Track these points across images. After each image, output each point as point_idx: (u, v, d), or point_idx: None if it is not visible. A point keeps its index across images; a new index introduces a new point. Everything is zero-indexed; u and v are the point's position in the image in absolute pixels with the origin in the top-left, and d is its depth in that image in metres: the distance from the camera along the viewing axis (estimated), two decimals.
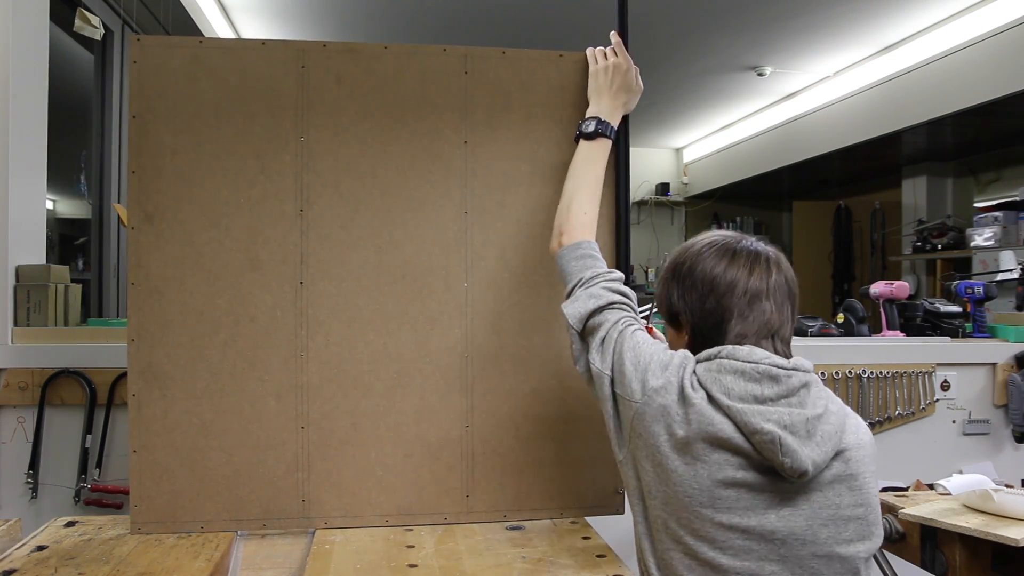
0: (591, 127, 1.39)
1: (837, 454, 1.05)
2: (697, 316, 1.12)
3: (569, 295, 1.25)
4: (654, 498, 1.07)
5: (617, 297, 1.20)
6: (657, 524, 1.07)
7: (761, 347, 1.08)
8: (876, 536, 1.07)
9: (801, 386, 1.05)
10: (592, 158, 1.39)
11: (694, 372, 1.08)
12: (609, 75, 1.43)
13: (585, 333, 1.19)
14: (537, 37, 4.72)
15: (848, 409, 1.12)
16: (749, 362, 1.05)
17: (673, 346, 1.17)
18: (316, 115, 1.42)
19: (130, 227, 1.38)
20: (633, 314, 1.21)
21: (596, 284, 1.22)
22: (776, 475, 1.03)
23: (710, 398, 1.05)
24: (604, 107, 1.42)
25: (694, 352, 1.12)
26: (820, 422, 1.03)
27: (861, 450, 1.08)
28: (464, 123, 1.47)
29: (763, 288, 1.09)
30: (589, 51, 1.48)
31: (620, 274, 1.26)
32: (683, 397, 1.05)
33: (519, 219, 1.48)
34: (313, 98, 1.43)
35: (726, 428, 1.02)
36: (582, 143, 1.41)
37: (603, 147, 1.40)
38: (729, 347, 1.07)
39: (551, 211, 1.47)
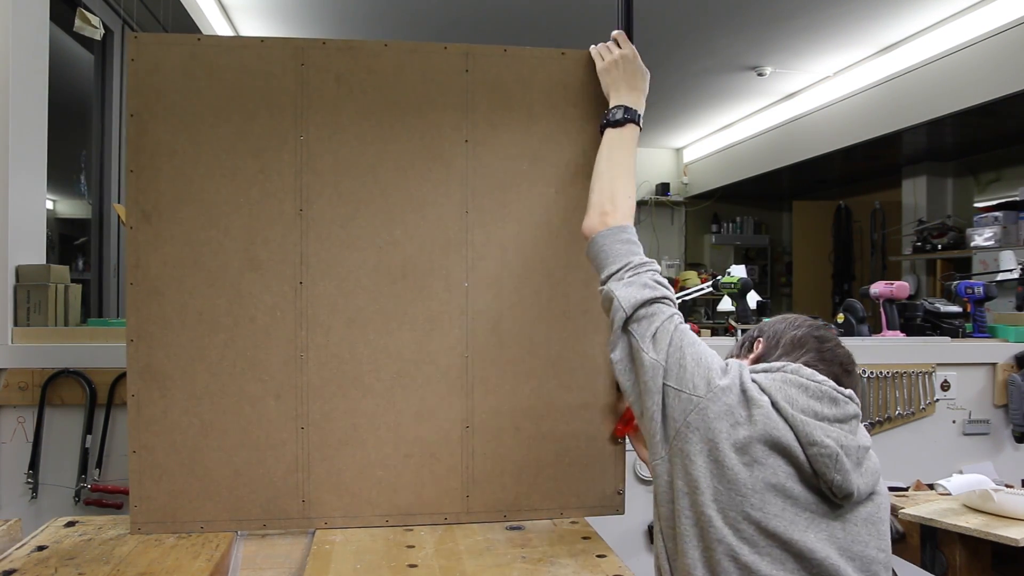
0: (619, 115, 1.38)
1: (871, 494, 1.11)
2: (771, 342, 1.25)
3: (614, 275, 1.23)
4: (702, 493, 1.06)
5: (667, 292, 1.22)
6: (700, 521, 1.07)
7: None
8: None
9: (854, 416, 1.11)
10: (622, 144, 1.38)
11: (753, 380, 1.11)
12: (621, 67, 1.43)
13: (632, 320, 1.18)
14: (539, 35, 4.72)
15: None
16: (812, 380, 1.11)
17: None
18: (315, 113, 1.42)
19: (129, 227, 1.38)
20: (679, 312, 1.22)
21: (646, 273, 1.22)
22: (820, 497, 1.07)
23: (774, 404, 1.08)
24: (625, 96, 1.41)
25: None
26: (867, 456, 1.10)
27: (886, 499, 1.15)
28: (465, 121, 1.46)
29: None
30: (593, 50, 1.47)
31: (659, 266, 1.28)
32: (746, 399, 1.08)
33: (520, 218, 1.47)
34: (312, 96, 1.42)
35: (787, 435, 1.06)
36: (611, 132, 1.39)
37: (632, 133, 1.39)
38: (793, 364, 1.14)
39: (553, 211, 1.47)
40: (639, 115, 1.41)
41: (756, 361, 1.24)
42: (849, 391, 1.13)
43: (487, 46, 1.47)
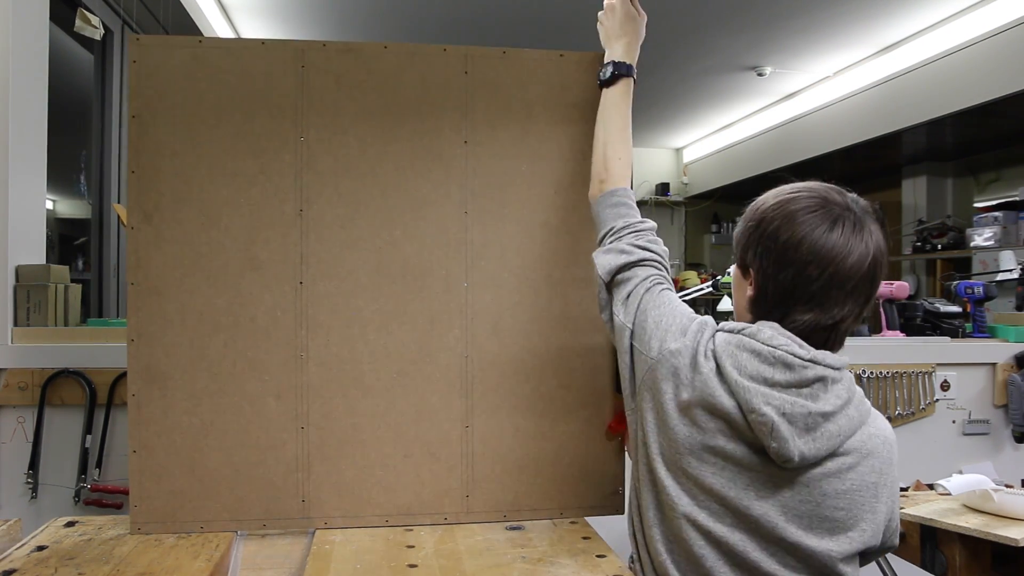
0: (608, 72, 1.40)
1: (834, 454, 1.07)
2: (769, 281, 1.09)
3: (600, 242, 1.29)
4: (650, 447, 1.13)
5: (646, 254, 1.24)
6: (651, 470, 1.13)
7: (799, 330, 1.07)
8: (854, 539, 1.07)
9: (816, 379, 1.05)
10: (616, 102, 1.39)
11: (712, 339, 1.12)
12: (610, 16, 1.43)
13: (612, 285, 1.24)
14: (537, 37, 4.72)
15: (875, 415, 1.14)
16: (768, 345, 1.06)
17: (736, 287, 1.18)
18: (316, 115, 1.42)
19: (129, 227, 1.38)
20: (662, 271, 1.24)
21: (626, 236, 1.26)
22: (768, 458, 1.06)
23: (719, 369, 1.08)
24: (617, 49, 1.42)
25: (754, 309, 1.12)
26: (827, 420, 1.05)
27: (865, 457, 1.09)
28: (464, 123, 1.47)
29: (842, 277, 1.05)
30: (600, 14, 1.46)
31: (652, 224, 1.29)
32: (694, 363, 1.10)
33: (519, 219, 1.48)
34: (313, 98, 1.42)
35: (726, 402, 1.06)
36: (604, 92, 1.41)
37: (625, 87, 1.40)
38: (754, 327, 1.08)
39: (552, 211, 1.48)
40: (629, 67, 1.40)
41: (755, 297, 1.11)
42: (813, 354, 1.05)
43: (486, 48, 1.48)
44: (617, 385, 1.48)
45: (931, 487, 1.86)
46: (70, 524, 1.39)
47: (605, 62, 1.42)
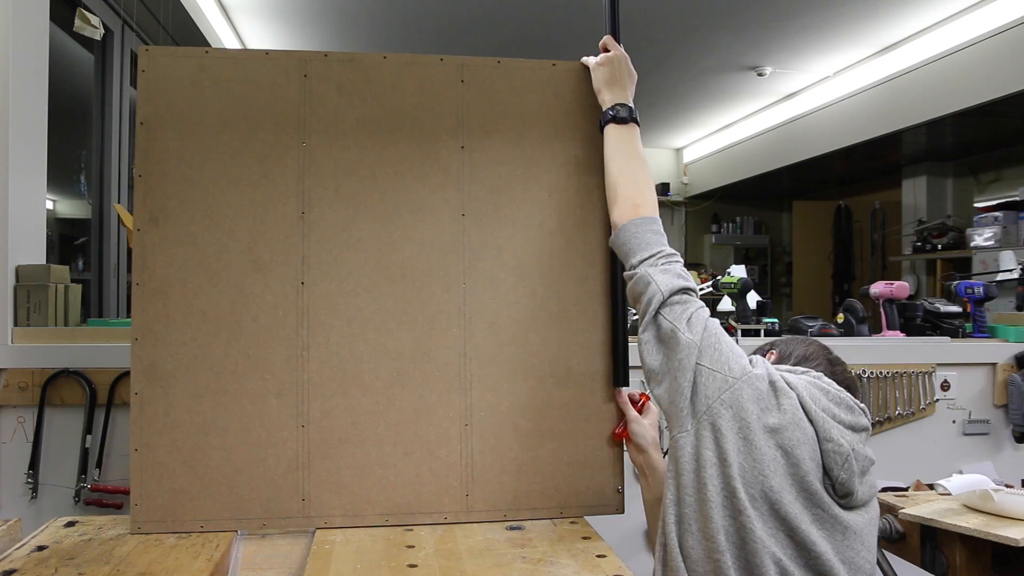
0: (623, 112, 1.41)
1: (868, 503, 1.16)
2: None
3: (646, 261, 1.27)
4: (730, 466, 1.10)
5: (695, 285, 1.28)
6: (727, 490, 1.11)
7: None
8: None
9: (864, 428, 1.18)
10: (636, 140, 1.42)
11: (780, 375, 1.18)
12: (615, 65, 1.45)
13: (666, 304, 1.23)
14: (532, 45, 4.73)
15: None
16: (832, 388, 1.19)
17: None
18: (317, 122, 1.44)
19: (136, 229, 1.40)
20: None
21: (677, 264, 1.28)
22: (827, 496, 1.11)
23: (800, 400, 1.14)
24: (619, 95, 1.44)
25: None
26: (871, 467, 1.16)
27: (877, 514, 1.20)
28: (461, 129, 1.49)
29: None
30: (585, 59, 1.51)
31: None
32: (775, 389, 1.15)
33: (515, 221, 1.49)
34: (315, 105, 1.45)
35: (810, 430, 1.12)
36: (617, 128, 1.41)
37: (637, 131, 1.44)
38: (816, 371, 1.23)
39: (546, 213, 1.50)
40: (637, 116, 1.44)
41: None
42: (863, 405, 1.20)
43: (481, 58, 1.51)
44: (616, 384, 1.49)
45: (931, 487, 1.86)
46: (70, 524, 1.40)
47: (616, 102, 1.43)
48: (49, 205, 2.75)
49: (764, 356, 1.33)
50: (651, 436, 1.45)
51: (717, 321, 1.23)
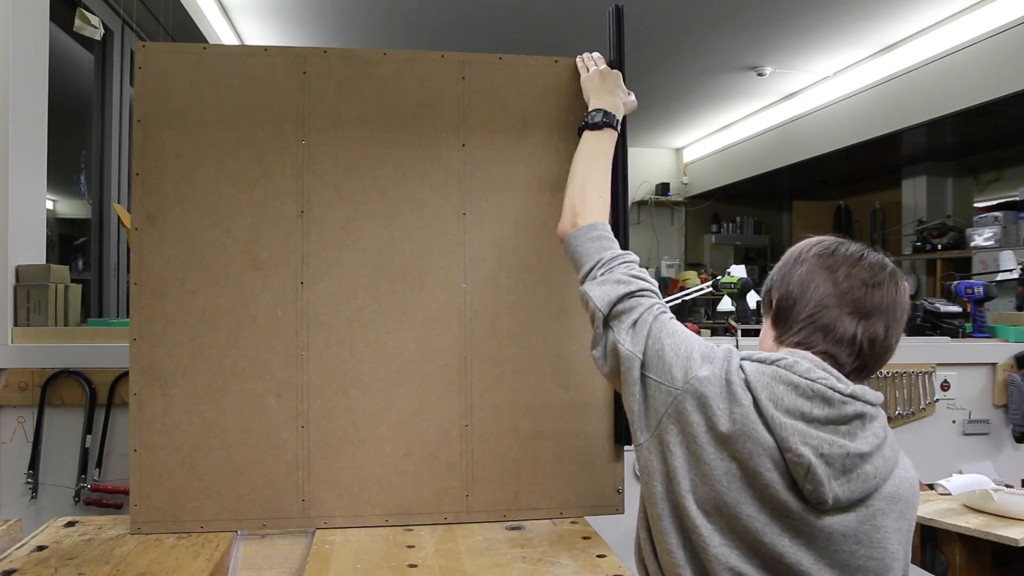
0: (598, 118, 1.40)
1: (869, 499, 1.02)
2: (788, 290, 1.11)
3: (588, 276, 1.22)
4: (678, 483, 1.03)
5: (644, 284, 1.18)
6: (677, 508, 1.04)
7: (827, 360, 1.05)
8: None
9: (855, 416, 1.02)
10: (600, 147, 1.39)
11: (741, 369, 1.05)
12: (605, 76, 1.47)
13: (611, 317, 1.16)
14: (533, 42, 4.73)
15: (902, 456, 1.08)
16: (806, 378, 1.02)
17: (764, 333, 1.16)
18: (317, 119, 1.44)
19: (133, 228, 1.39)
20: (661, 301, 1.19)
21: (619, 267, 1.20)
22: (804, 501, 1.00)
23: (756, 403, 1.01)
24: (605, 101, 1.43)
25: (775, 327, 1.12)
26: (865, 461, 1.01)
27: (895, 503, 1.04)
28: (462, 127, 1.48)
29: (862, 276, 1.07)
30: (579, 59, 1.51)
31: (636, 257, 1.25)
32: (730, 393, 1.02)
33: (516, 220, 1.49)
34: (314, 103, 1.44)
35: (765, 438, 1.00)
36: (588, 134, 1.40)
37: (610, 138, 1.40)
38: (790, 358, 1.05)
39: (548, 212, 1.48)
40: (617, 120, 1.42)
41: (775, 320, 1.13)
42: (852, 389, 1.03)
43: (483, 54, 1.50)
44: None
45: (931, 487, 1.86)
46: (70, 524, 1.40)
47: (593, 108, 1.42)
48: (49, 205, 2.75)
49: (770, 299, 1.15)
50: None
51: (668, 317, 1.15)
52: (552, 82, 1.51)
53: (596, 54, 1.51)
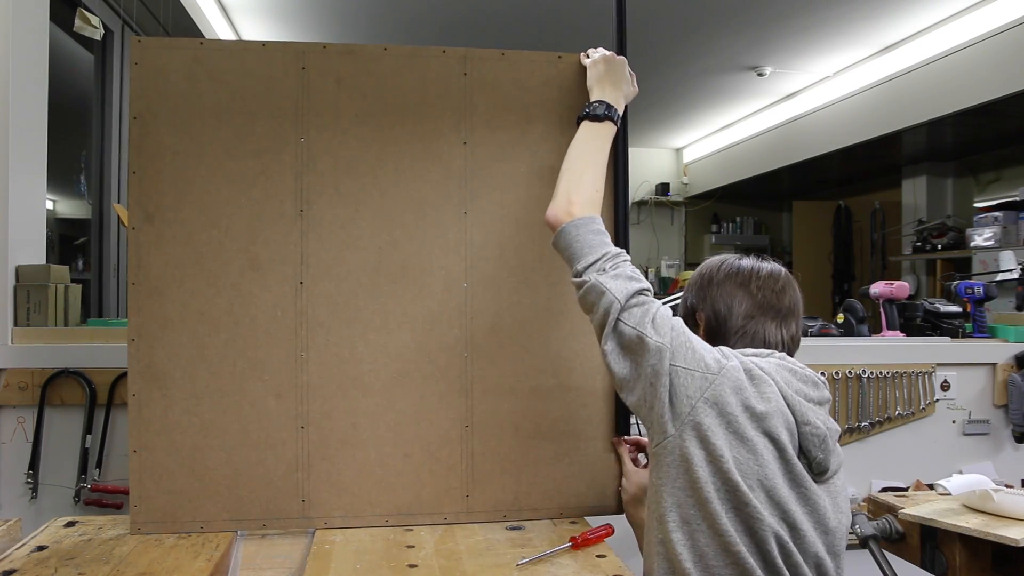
0: (600, 110, 1.39)
1: (838, 469, 1.19)
2: (715, 311, 1.28)
3: (592, 267, 1.23)
4: (726, 461, 1.09)
5: (647, 283, 1.26)
6: (728, 486, 1.10)
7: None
8: (842, 554, 1.18)
9: (827, 400, 1.21)
10: (601, 140, 1.38)
11: (752, 362, 1.18)
12: (609, 64, 1.45)
13: (624, 310, 1.19)
14: (536, 38, 4.72)
15: None
16: (797, 366, 1.21)
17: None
18: (316, 116, 1.43)
19: (130, 227, 1.38)
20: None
21: (625, 265, 1.24)
22: (804, 478, 1.13)
23: (777, 386, 1.15)
24: (608, 94, 1.42)
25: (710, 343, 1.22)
26: (837, 438, 1.19)
27: (844, 475, 1.22)
28: (463, 124, 1.47)
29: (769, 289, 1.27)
30: (582, 56, 1.50)
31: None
32: (754, 378, 1.14)
33: (518, 219, 1.48)
34: (313, 99, 1.43)
35: (788, 414, 1.14)
36: (588, 124, 1.39)
37: (609, 131, 1.40)
38: (780, 352, 1.22)
39: None
40: (618, 115, 1.41)
41: (708, 338, 1.26)
42: (821, 376, 1.22)
43: (485, 50, 1.48)
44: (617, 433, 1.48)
45: (931, 487, 1.86)
46: (70, 524, 1.40)
47: (594, 99, 1.41)
48: (49, 205, 2.75)
49: (695, 316, 1.30)
50: (634, 494, 1.43)
51: (679, 318, 1.22)
52: (555, 78, 1.50)
53: (600, 49, 1.49)
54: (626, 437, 1.50)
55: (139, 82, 1.39)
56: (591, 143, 1.38)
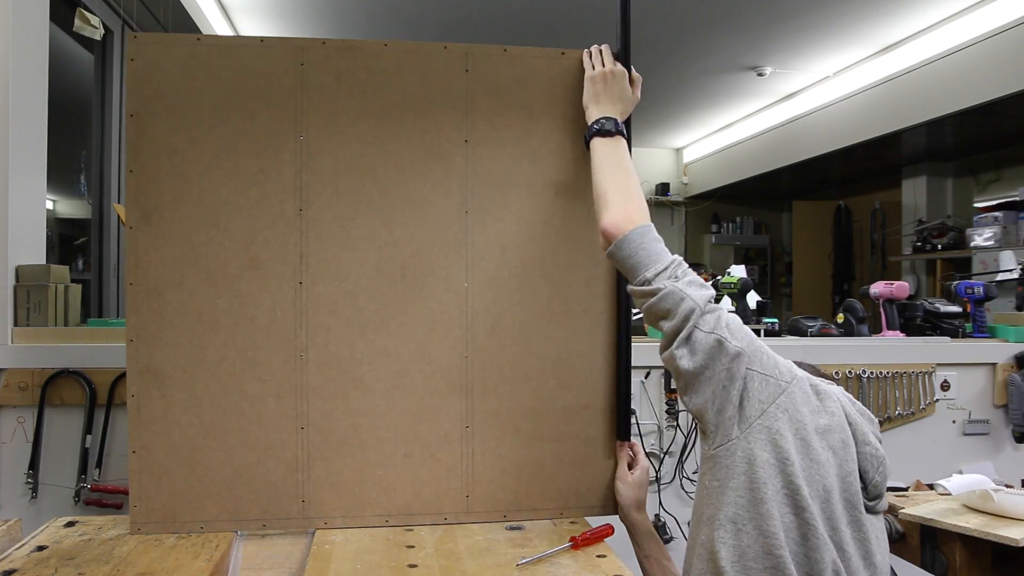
0: (609, 125, 1.37)
1: (879, 508, 1.19)
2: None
3: (661, 274, 1.21)
4: (792, 464, 1.10)
5: None
6: (790, 488, 1.09)
7: None
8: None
9: (878, 435, 1.22)
10: (623, 152, 1.37)
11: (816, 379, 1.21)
12: (610, 81, 1.42)
13: (702, 316, 1.18)
14: (538, 35, 4.72)
15: None
16: (854, 399, 1.23)
17: None
18: (315, 113, 1.42)
19: (128, 227, 1.38)
20: None
21: (691, 271, 1.24)
22: (859, 501, 1.13)
23: (840, 403, 1.18)
24: (609, 109, 1.41)
25: None
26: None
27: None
28: (465, 121, 1.46)
29: None
30: (585, 54, 1.47)
31: None
32: (817, 392, 1.17)
33: (520, 218, 1.47)
34: (312, 96, 1.42)
35: (848, 433, 1.15)
36: (604, 140, 1.37)
37: (624, 145, 1.39)
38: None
39: (552, 211, 1.47)
40: (623, 129, 1.40)
41: None
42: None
43: (487, 46, 1.47)
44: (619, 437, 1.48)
45: (931, 487, 1.86)
46: (70, 524, 1.39)
47: (601, 116, 1.39)
48: (49, 205, 2.74)
49: None
50: (632, 497, 1.44)
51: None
52: (559, 75, 1.48)
53: (605, 46, 1.46)
54: (630, 442, 1.50)
55: (135, 79, 1.37)
56: (618, 156, 1.36)
